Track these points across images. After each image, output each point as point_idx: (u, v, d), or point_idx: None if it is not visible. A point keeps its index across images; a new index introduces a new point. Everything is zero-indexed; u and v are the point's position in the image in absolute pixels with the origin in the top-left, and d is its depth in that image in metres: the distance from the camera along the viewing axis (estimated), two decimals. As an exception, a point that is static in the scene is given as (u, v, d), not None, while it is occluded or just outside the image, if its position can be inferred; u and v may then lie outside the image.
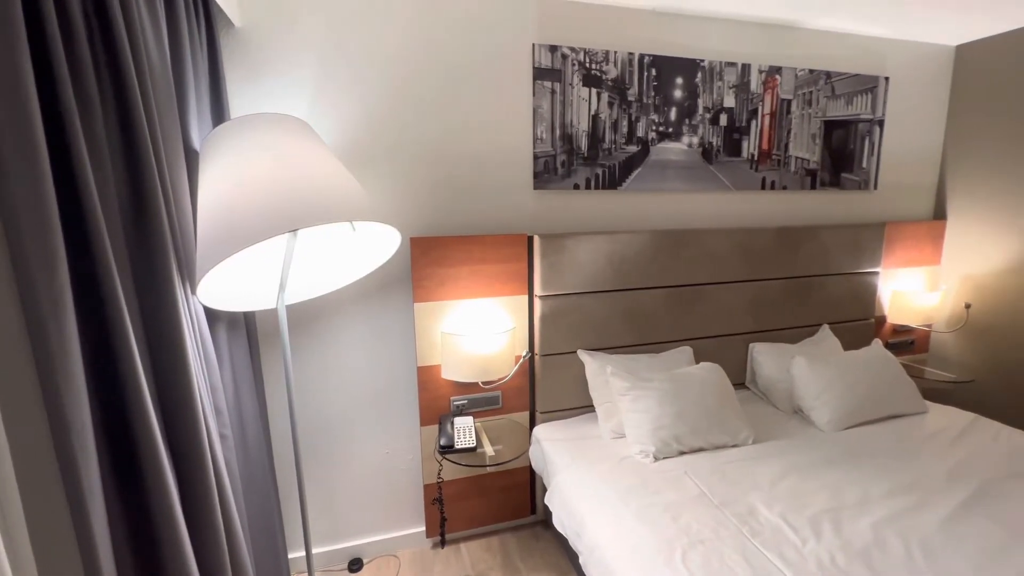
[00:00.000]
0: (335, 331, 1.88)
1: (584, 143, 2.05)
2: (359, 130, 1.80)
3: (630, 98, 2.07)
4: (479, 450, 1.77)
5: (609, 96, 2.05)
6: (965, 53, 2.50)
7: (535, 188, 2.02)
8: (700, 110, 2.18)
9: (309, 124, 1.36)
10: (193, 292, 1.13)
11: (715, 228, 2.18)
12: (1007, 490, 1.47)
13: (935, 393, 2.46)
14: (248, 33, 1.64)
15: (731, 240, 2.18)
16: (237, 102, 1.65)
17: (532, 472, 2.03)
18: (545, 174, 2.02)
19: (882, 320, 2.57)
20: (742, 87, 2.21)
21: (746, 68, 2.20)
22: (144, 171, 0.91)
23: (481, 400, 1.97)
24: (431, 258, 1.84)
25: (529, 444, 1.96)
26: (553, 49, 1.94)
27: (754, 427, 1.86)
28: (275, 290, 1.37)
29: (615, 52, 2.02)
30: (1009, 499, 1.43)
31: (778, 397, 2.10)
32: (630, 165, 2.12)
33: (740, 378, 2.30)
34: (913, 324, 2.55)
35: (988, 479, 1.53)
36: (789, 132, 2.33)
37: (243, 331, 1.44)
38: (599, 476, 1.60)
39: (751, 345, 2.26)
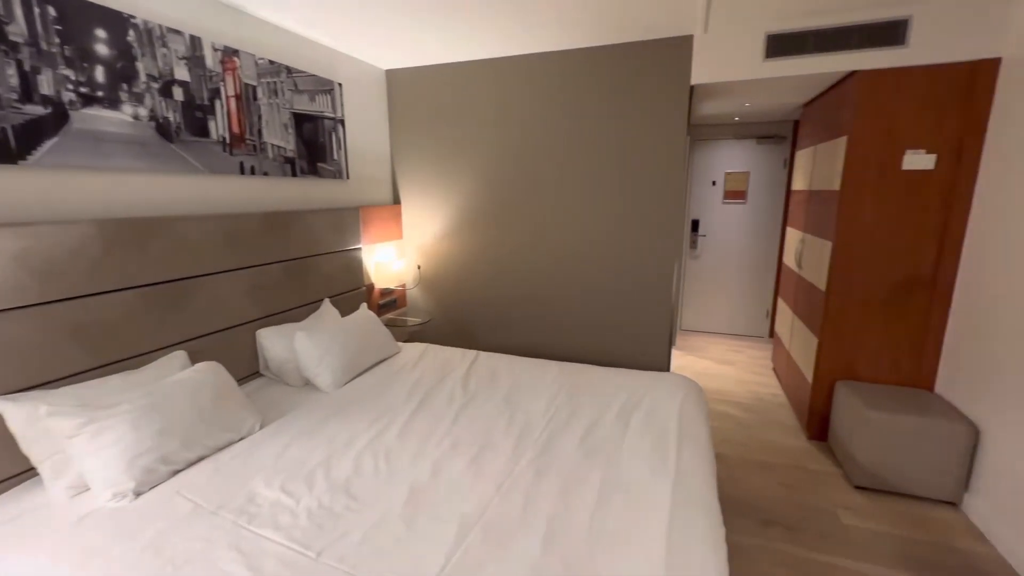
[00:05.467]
0: None
1: (-73, 90, 1.34)
2: None
3: (15, 39, 1.50)
4: None
5: (-31, 27, 1.41)
6: (392, 76, 3.28)
7: None
8: (143, 76, 1.85)
9: None
10: None
11: (192, 215, 1.97)
12: (436, 391, 2.13)
13: (414, 335, 3.27)
14: None
15: (215, 227, 2.04)
16: None
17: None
18: None
19: (371, 287, 3.14)
20: (195, 61, 2.04)
21: (196, 40, 2.03)
22: None
23: None
24: None
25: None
26: None
27: (264, 411, 1.88)
28: None
29: (-34, -37, 1.39)
30: (436, 397, 2.08)
31: (289, 374, 2.20)
32: (38, 132, 1.57)
33: (254, 367, 2.26)
34: (392, 286, 3.26)
35: (428, 388, 2.16)
36: (261, 119, 2.36)
37: None
38: (44, 561, 1.17)
39: (257, 332, 2.24)
